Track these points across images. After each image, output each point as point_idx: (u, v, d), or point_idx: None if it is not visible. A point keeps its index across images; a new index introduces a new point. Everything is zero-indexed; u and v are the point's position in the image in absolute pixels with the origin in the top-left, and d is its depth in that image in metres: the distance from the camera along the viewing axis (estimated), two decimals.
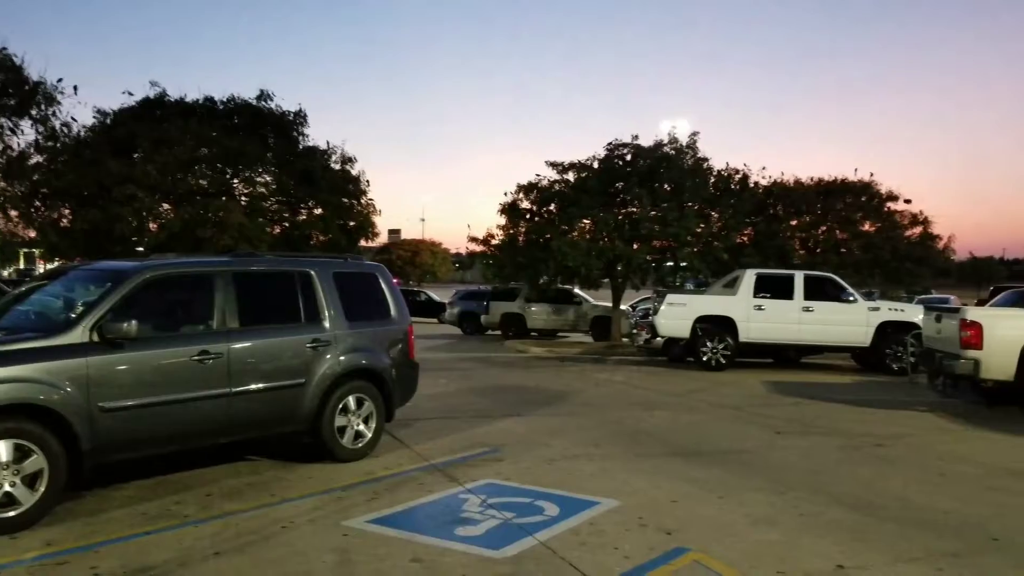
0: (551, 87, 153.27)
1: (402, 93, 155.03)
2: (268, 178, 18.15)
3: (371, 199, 19.39)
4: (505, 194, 20.25)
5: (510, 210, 19.89)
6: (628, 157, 19.31)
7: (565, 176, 19.73)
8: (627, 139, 19.40)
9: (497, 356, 17.68)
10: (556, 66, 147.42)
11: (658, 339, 15.88)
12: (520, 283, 21.59)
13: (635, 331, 17.62)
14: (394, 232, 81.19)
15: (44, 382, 4.98)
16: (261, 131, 18.23)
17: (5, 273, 40.64)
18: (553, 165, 19.77)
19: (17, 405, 4.88)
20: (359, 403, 6.87)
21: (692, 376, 13.89)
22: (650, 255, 18.64)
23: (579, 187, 18.99)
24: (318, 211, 18.52)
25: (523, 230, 19.88)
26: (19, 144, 15.81)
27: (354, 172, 19.07)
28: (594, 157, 19.56)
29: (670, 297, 15.04)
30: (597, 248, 18.04)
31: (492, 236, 20.42)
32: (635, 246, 18.50)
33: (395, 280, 7.74)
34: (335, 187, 18.24)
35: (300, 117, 18.73)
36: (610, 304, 20.74)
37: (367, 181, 19.31)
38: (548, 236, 18.70)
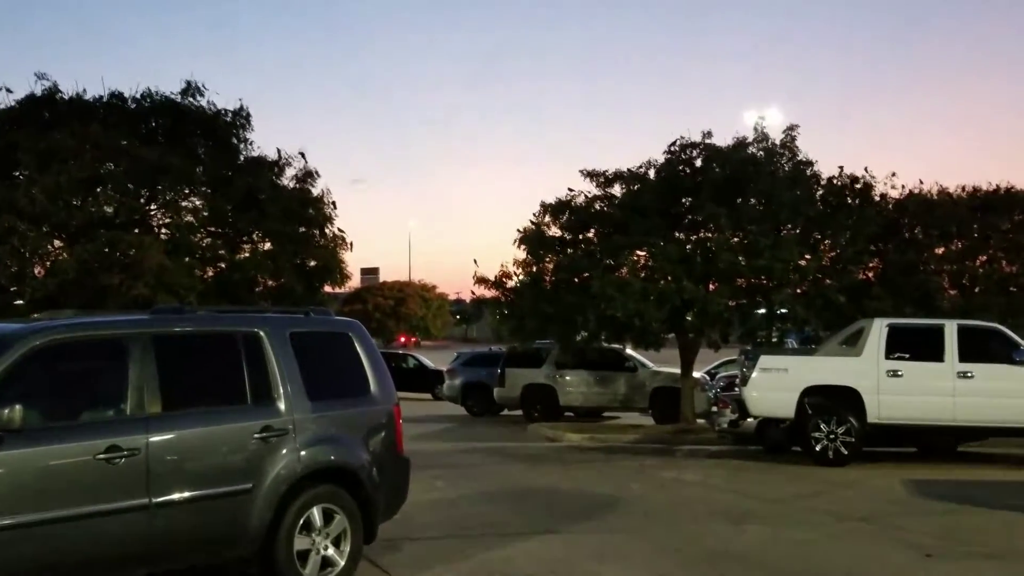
0: (579, 70, 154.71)
1: (375, 82, 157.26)
2: (198, 202, 18.44)
3: (340, 229, 19.61)
4: (533, 222, 20.21)
5: (533, 239, 19.97)
6: (698, 162, 19.41)
7: (609, 190, 19.87)
8: (696, 137, 19.56)
9: (517, 446, 17.58)
10: (583, 44, 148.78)
11: (748, 420, 15.80)
12: (548, 341, 21.59)
13: (715, 409, 17.50)
14: (369, 272, 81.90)
15: None
16: (188, 138, 18.58)
17: None
18: (592, 176, 19.89)
19: None
20: (327, 517, 6.88)
21: (799, 473, 13.73)
22: (733, 299, 18.56)
23: (629, 205, 19.08)
24: (266, 246, 18.74)
25: (551, 266, 19.94)
26: None
27: (315, 191, 19.32)
28: (650, 163, 19.70)
29: (765, 359, 15.00)
30: (656, 290, 18.00)
31: (508, 276, 20.54)
32: (711, 287, 18.44)
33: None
34: (289, 213, 18.46)
35: (241, 118, 19.06)
36: (677, 370, 20.60)
37: (333, 203, 19.54)
38: (587, 274, 18.71)
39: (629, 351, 22.24)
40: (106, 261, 16.52)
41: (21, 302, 16.68)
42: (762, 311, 19.12)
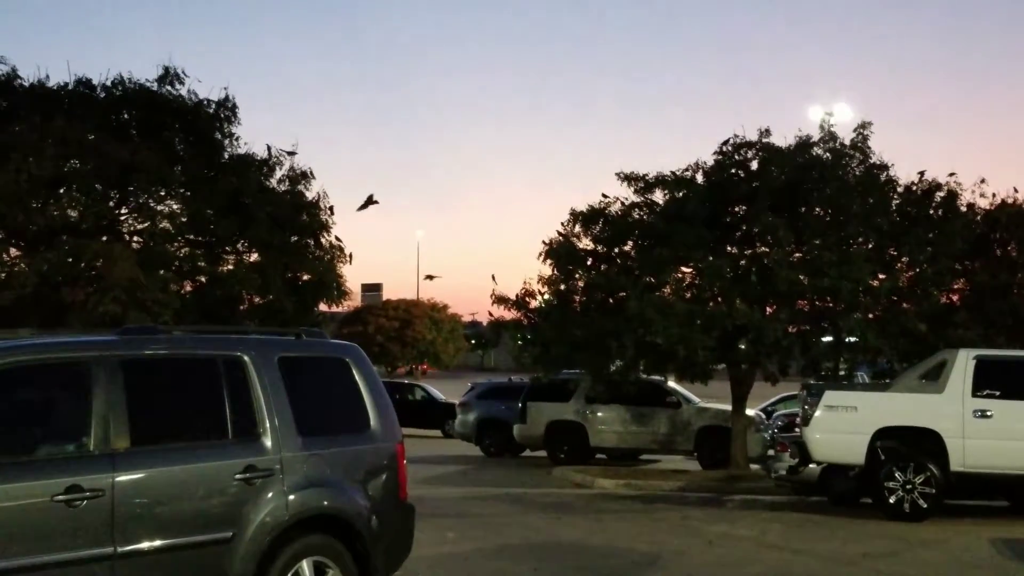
0: (615, 61, 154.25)
1: (380, 74, 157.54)
2: (175, 205, 18.60)
3: (338, 238, 19.73)
4: (561, 233, 20.26)
5: (561, 253, 20.03)
6: (754, 165, 19.43)
7: (649, 197, 19.92)
8: (751, 135, 19.62)
9: (540, 493, 17.56)
10: (617, 30, 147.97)
11: (811, 466, 15.75)
12: (577, 372, 21.61)
13: (771, 452, 17.47)
14: (371, 289, 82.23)
15: None
16: (165, 132, 18.77)
17: None
18: (630, 180, 19.94)
19: None
20: (319, 572, 6.87)
21: (870, 530, 13.64)
22: (794, 324, 18.56)
23: (673, 214, 19.10)
24: (252, 257, 18.87)
25: (581, 284, 19.98)
26: None
27: (310, 195, 19.47)
28: (697, 165, 19.75)
29: (830, 396, 14.95)
30: (704, 313, 18.04)
31: (531, 295, 20.59)
32: (768, 310, 18.44)
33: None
34: (280, 219, 18.59)
35: (226, 109, 19.24)
36: (727, 406, 20.59)
37: (330, 208, 19.67)
38: (623, 294, 18.75)
39: (671, 384, 22.26)
40: (70, 273, 16.66)
41: None
42: (827, 339, 19.14)
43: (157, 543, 6.13)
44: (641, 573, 10.40)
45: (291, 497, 6.72)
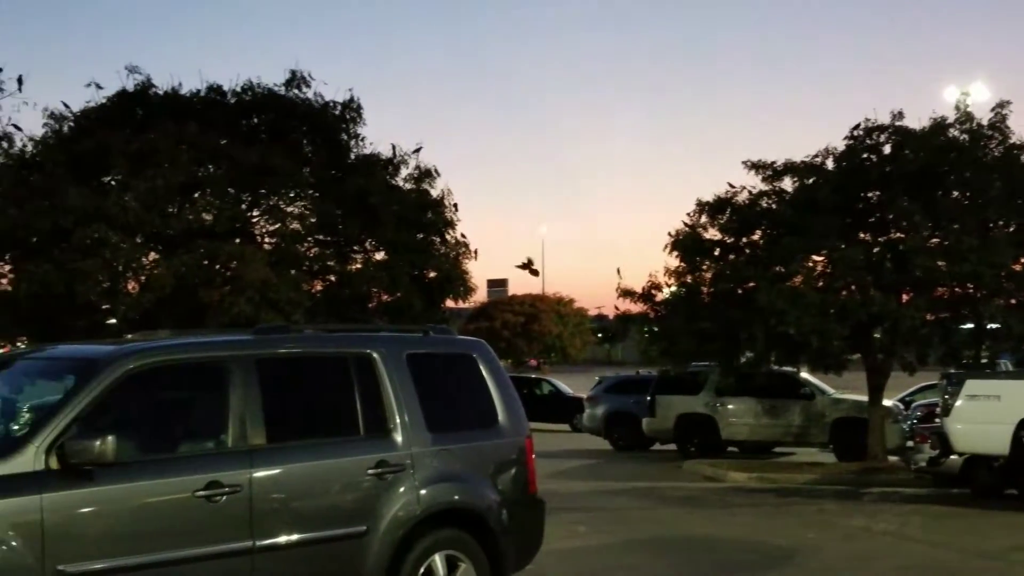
0: (740, 48, 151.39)
1: (501, 70, 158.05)
2: (304, 206, 18.99)
3: (463, 235, 19.90)
4: (687, 224, 20.21)
5: (687, 244, 19.99)
6: (887, 149, 19.11)
7: (778, 185, 19.75)
8: (883, 119, 19.27)
9: (671, 487, 17.52)
10: (740, 16, 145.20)
11: (952, 457, 15.45)
12: (706, 364, 21.49)
13: (910, 444, 17.29)
14: (496, 284, 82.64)
15: None
16: (293, 134, 19.17)
17: None
18: (757, 168, 19.80)
19: None
20: (451, 566, 6.97)
21: (1016, 523, 13.37)
22: (932, 312, 18.29)
23: (803, 202, 18.95)
24: (380, 256, 19.18)
25: (709, 275, 19.91)
26: None
27: (435, 193, 19.66)
28: (827, 151, 19.54)
29: (972, 385, 14.73)
30: (837, 302, 17.84)
31: (657, 287, 20.57)
32: (904, 297, 18.19)
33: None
34: (406, 219, 18.83)
35: (352, 110, 19.54)
36: (863, 397, 20.30)
37: (455, 206, 19.84)
38: (752, 284, 18.66)
39: (804, 375, 22.00)
40: (205, 275, 17.15)
41: (114, 321, 17.47)
42: (968, 326, 18.84)
43: (294, 537, 6.30)
44: (777, 568, 10.31)
45: (422, 492, 6.83)
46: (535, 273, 21.66)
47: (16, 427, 6.14)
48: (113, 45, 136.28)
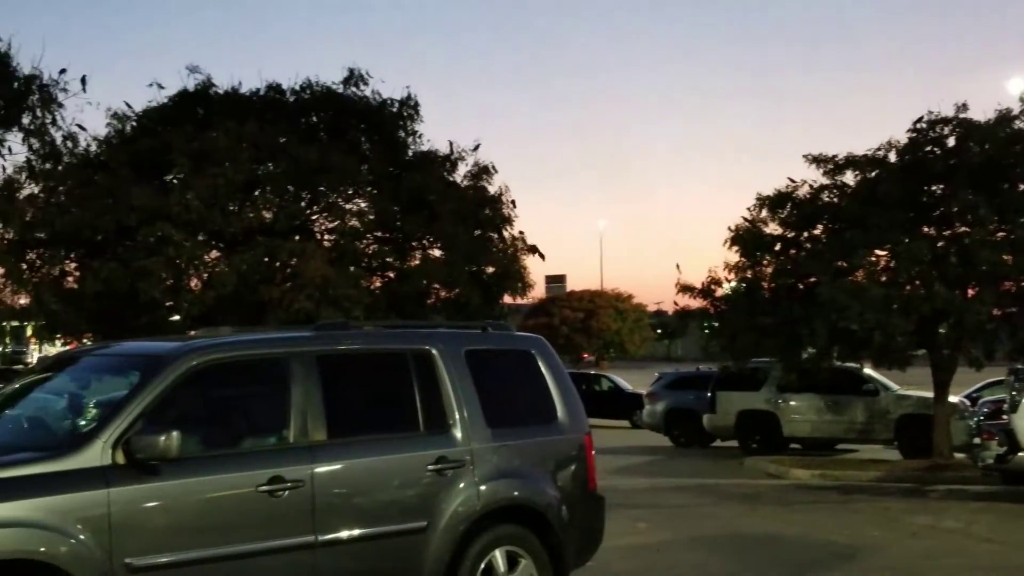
0: (800, 40, 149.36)
1: (561, 66, 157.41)
2: (362, 204, 19.15)
3: (521, 232, 19.93)
4: (747, 218, 20.05)
5: (747, 239, 19.87)
6: (951, 142, 18.84)
7: (840, 178, 19.58)
8: (947, 111, 18.96)
9: (732, 484, 17.44)
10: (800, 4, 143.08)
11: (1020, 455, 15.16)
12: (768, 360, 21.34)
13: (977, 441, 16.89)
14: (555, 280, 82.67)
15: (44, 526, 5.42)
16: (351, 132, 19.34)
17: None
18: (818, 161, 19.63)
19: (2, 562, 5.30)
20: (511, 562, 6.98)
21: None
22: (998, 307, 18.04)
23: (865, 195, 18.77)
24: (437, 252, 19.28)
25: (769, 271, 19.79)
26: (3, 169, 17.35)
27: (492, 189, 19.72)
28: (890, 145, 19.29)
29: None
30: (901, 297, 17.66)
31: (717, 283, 20.45)
32: (970, 292, 17.98)
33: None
34: (464, 214, 18.91)
35: (409, 107, 19.67)
36: (928, 393, 20.02)
37: (512, 202, 19.88)
38: (813, 279, 18.50)
39: (868, 371, 21.79)
40: (266, 272, 17.37)
41: (177, 318, 17.75)
42: None
43: (356, 532, 6.35)
44: (841, 566, 10.22)
45: (482, 487, 6.85)
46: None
47: (83, 423, 6.24)
48: (175, 45, 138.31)
